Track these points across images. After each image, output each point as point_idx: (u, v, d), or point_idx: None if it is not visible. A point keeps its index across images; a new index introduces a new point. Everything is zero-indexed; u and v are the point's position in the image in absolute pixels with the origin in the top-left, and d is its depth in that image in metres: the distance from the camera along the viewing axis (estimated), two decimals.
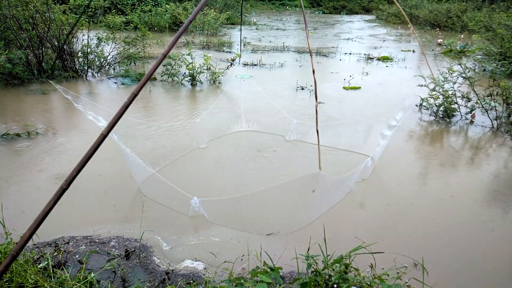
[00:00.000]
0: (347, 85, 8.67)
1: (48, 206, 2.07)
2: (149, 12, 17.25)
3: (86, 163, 2.18)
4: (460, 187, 4.50)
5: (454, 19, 19.66)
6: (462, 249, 3.40)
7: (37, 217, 2.07)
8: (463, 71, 6.60)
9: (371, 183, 4.53)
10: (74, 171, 2.14)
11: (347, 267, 2.32)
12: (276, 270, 2.15)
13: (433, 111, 6.85)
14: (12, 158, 4.86)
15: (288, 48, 13.89)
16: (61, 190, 2.11)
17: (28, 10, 8.07)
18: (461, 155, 5.39)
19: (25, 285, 2.54)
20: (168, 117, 6.58)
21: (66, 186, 2.12)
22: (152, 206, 3.88)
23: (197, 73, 8.65)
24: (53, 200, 2.08)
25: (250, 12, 27.20)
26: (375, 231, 3.61)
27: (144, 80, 2.34)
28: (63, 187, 2.12)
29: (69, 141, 5.35)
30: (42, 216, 2.07)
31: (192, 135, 5.47)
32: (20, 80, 8.04)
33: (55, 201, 2.09)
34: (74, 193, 4.12)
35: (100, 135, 2.22)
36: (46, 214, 2.08)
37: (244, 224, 3.65)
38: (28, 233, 2.02)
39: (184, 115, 6.78)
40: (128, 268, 3.02)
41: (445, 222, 3.80)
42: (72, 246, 3.25)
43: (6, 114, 6.44)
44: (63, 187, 2.12)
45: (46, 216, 2.08)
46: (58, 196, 2.10)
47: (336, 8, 32.59)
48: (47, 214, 2.08)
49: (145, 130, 5.58)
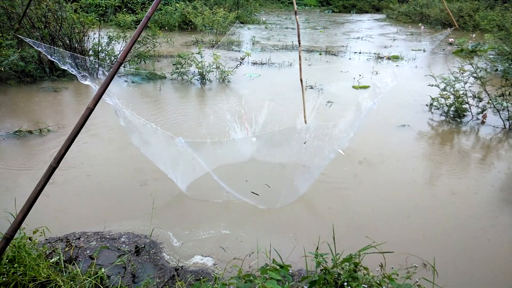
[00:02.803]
0: (356, 84, 8.63)
1: (39, 186, 2.10)
2: (159, 11, 17.34)
3: (73, 141, 2.20)
4: (470, 188, 4.45)
5: (466, 18, 19.42)
6: (473, 250, 3.37)
7: (28, 197, 2.09)
8: (475, 70, 6.52)
9: (380, 183, 4.51)
10: (62, 149, 2.16)
11: (356, 266, 2.31)
12: (285, 268, 2.16)
13: (444, 111, 6.79)
14: (24, 155, 4.93)
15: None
16: (51, 169, 2.13)
17: (40, 9, 8.18)
18: (471, 155, 5.34)
19: (38, 279, 2.58)
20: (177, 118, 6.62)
21: (56, 164, 2.15)
22: (162, 203, 3.91)
23: (207, 71, 8.69)
24: (43, 179, 2.11)
25: (259, 11, 27.18)
26: (384, 231, 3.60)
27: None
28: (53, 165, 2.14)
29: (79, 138, 5.42)
30: (34, 196, 2.09)
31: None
32: (33, 78, 8.16)
33: (45, 181, 2.11)
34: (85, 190, 4.18)
35: (86, 109, 2.24)
36: (37, 194, 2.10)
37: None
38: (21, 215, 2.06)
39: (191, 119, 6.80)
40: (138, 264, 3.06)
41: (455, 223, 3.77)
42: (83, 242, 3.30)
43: (18, 111, 6.54)
44: (53, 166, 2.14)
45: (38, 196, 2.10)
46: (48, 175, 2.12)
47: (345, 7, 32.40)
48: (38, 194, 2.10)
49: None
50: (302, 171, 4.26)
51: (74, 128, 2.19)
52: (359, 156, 5.14)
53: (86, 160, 4.83)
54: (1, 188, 4.14)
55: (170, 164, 3.88)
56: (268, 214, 3.88)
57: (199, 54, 8.64)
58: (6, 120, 6.07)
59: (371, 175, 4.69)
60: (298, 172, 4.33)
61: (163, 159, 3.88)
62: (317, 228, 3.58)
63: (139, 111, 5.29)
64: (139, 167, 4.66)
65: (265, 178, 4.34)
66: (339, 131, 3.81)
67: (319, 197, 4.20)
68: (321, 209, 4.01)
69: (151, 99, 7.55)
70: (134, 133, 3.57)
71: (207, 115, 6.60)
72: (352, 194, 4.27)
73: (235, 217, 3.78)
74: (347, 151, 5.27)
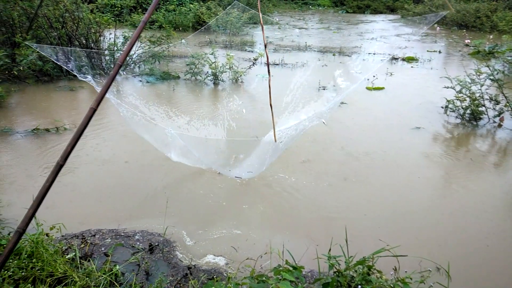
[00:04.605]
0: (370, 85, 8.56)
1: (48, 183, 2.16)
2: (173, 12, 17.49)
3: (79, 139, 2.25)
4: (486, 192, 4.38)
5: (483, 19, 19.05)
6: (488, 257, 3.32)
7: (38, 193, 2.15)
8: (492, 72, 6.41)
9: (395, 186, 4.47)
10: (68, 147, 2.22)
11: (370, 269, 2.30)
12: (298, 269, 2.16)
13: (459, 114, 6.69)
14: (41, 152, 5.04)
15: (311, 48, 13.81)
16: (58, 166, 2.19)
17: (58, 9, 8.34)
18: (487, 159, 5.25)
19: (55, 274, 2.64)
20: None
21: (63, 162, 2.20)
22: (176, 202, 3.95)
23: (220, 72, 8.73)
24: (51, 176, 2.17)
25: (273, 12, 27.16)
26: (398, 234, 3.57)
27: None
28: (60, 163, 2.20)
29: (95, 137, 5.51)
30: (43, 192, 2.15)
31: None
32: (50, 77, 8.32)
33: (53, 178, 2.17)
34: (100, 188, 4.25)
35: (89, 109, 2.29)
36: (47, 190, 2.16)
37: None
38: (31, 211, 2.12)
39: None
40: (151, 261, 3.10)
41: (470, 228, 3.72)
42: (98, 239, 3.35)
43: (36, 110, 6.68)
44: (60, 163, 2.20)
45: (47, 192, 2.16)
46: (56, 172, 2.18)
47: (360, 7, 32.08)
48: (47, 190, 2.16)
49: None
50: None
51: (78, 127, 2.25)
52: (372, 158, 5.11)
53: (100, 158, 4.91)
54: (19, 185, 4.24)
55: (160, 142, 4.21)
56: (280, 216, 3.89)
57: (213, 55, 8.68)
58: (24, 118, 6.21)
59: (384, 178, 4.65)
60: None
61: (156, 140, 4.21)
62: (329, 230, 3.57)
63: (150, 107, 5.38)
64: (152, 165, 4.72)
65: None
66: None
67: (331, 198, 4.19)
68: (333, 211, 4.00)
69: (164, 99, 7.62)
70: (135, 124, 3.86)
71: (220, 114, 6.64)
72: (366, 196, 4.24)
73: (247, 218, 3.80)
74: (359, 153, 5.24)
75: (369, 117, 6.71)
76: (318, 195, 4.22)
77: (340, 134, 5.96)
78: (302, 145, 5.43)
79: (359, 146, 5.46)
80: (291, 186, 4.35)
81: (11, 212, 3.58)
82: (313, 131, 5.84)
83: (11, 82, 7.69)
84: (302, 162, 4.98)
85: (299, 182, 4.45)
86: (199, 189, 4.29)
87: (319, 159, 5.11)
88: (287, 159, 4.96)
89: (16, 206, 3.70)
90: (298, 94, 4.15)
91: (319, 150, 5.37)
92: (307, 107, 4.09)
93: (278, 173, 4.63)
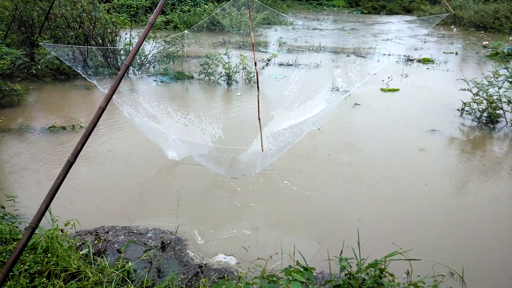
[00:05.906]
0: (385, 87, 8.47)
1: (59, 180, 2.21)
2: (188, 12, 17.63)
3: (88, 137, 2.31)
4: (503, 197, 4.29)
5: (502, 20, 18.66)
6: (504, 265, 3.25)
7: (49, 190, 2.20)
8: (510, 75, 6.27)
9: (409, 189, 4.42)
10: (78, 145, 2.27)
11: (382, 272, 2.28)
12: (309, 270, 2.15)
13: (476, 117, 6.56)
14: (57, 149, 5.13)
15: (325, 48, 13.74)
16: (69, 164, 2.24)
17: (76, 10, 8.49)
18: (505, 163, 5.14)
19: (69, 269, 2.69)
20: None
21: (73, 159, 2.25)
22: (187, 201, 3.98)
23: (233, 72, 8.76)
24: (62, 173, 2.22)
25: (287, 12, 27.11)
26: (411, 239, 3.53)
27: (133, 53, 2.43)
28: (71, 160, 2.25)
29: (110, 136, 5.59)
30: (55, 189, 2.20)
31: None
32: (66, 76, 8.47)
33: (64, 175, 2.22)
34: (113, 185, 4.31)
35: (98, 108, 2.34)
36: (58, 187, 2.21)
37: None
38: (44, 206, 2.17)
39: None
40: (163, 259, 3.13)
41: (487, 234, 3.64)
42: (112, 236, 3.40)
43: (53, 107, 6.81)
44: (71, 161, 2.25)
45: (58, 189, 2.21)
46: (67, 169, 2.23)
47: (375, 8, 31.77)
48: (58, 187, 2.21)
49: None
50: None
51: (88, 125, 2.31)
52: (386, 160, 5.06)
53: (114, 155, 4.98)
54: (35, 181, 4.33)
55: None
56: (291, 217, 3.88)
57: (226, 55, 8.71)
58: (41, 115, 6.34)
59: (398, 180, 4.60)
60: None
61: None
62: (341, 232, 3.55)
63: (164, 107, 5.45)
64: (165, 164, 4.77)
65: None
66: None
67: (344, 200, 4.16)
68: (346, 213, 3.97)
69: (178, 99, 7.68)
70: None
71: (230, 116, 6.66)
72: (379, 199, 4.20)
73: (258, 219, 3.81)
74: (373, 155, 5.20)
75: (383, 119, 6.64)
76: (331, 197, 4.20)
77: (354, 136, 5.91)
78: (315, 146, 5.41)
79: (373, 148, 5.41)
80: (303, 188, 4.34)
81: (29, 208, 3.66)
82: (330, 132, 5.82)
83: (29, 81, 7.87)
84: (314, 166, 4.96)
85: (312, 184, 4.43)
86: (210, 188, 4.32)
87: (333, 161, 5.08)
88: (299, 161, 4.95)
89: (33, 202, 3.77)
90: (304, 95, 4.29)
91: (332, 152, 5.34)
92: (315, 108, 4.16)
93: (290, 175, 4.62)
